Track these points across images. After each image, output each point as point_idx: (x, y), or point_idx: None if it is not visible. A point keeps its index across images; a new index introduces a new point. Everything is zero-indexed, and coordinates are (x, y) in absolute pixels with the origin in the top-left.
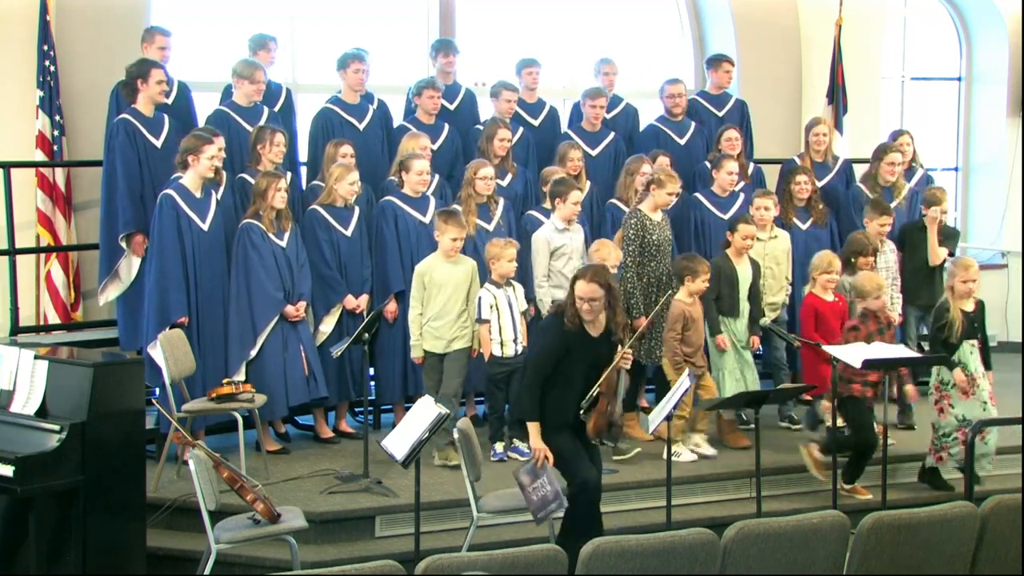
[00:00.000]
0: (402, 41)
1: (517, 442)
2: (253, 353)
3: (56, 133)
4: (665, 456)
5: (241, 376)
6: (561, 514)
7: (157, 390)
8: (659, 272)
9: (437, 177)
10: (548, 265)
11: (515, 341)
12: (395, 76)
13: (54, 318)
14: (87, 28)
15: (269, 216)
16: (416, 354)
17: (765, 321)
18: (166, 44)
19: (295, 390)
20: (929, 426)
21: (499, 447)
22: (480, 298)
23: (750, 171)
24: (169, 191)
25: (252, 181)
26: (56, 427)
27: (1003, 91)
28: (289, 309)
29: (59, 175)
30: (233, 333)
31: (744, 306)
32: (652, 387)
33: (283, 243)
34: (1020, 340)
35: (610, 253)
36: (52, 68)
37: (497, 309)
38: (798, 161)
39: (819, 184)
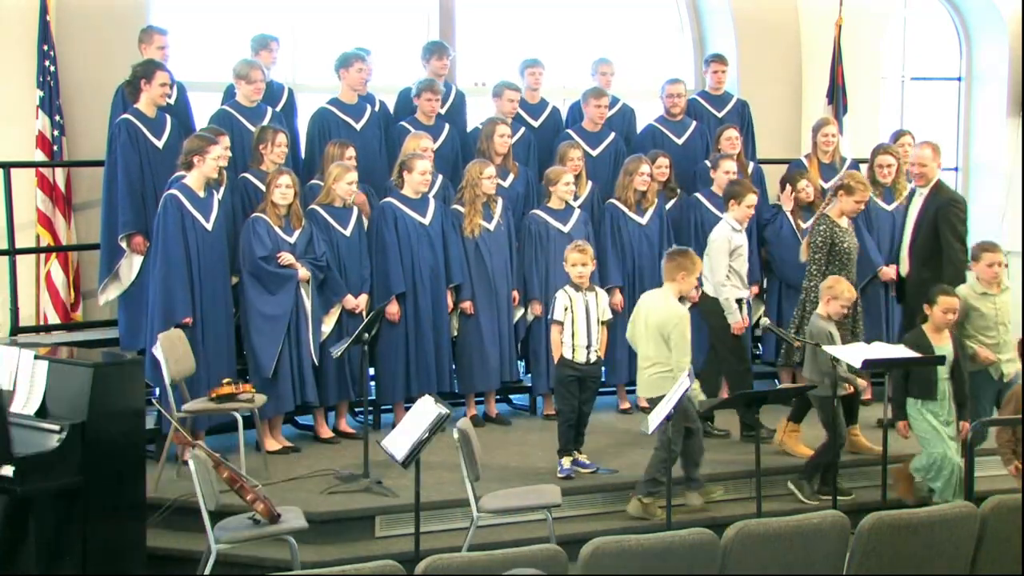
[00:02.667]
0: (402, 41)
1: (577, 454)
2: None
3: (56, 133)
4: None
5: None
6: None
7: (157, 390)
8: (849, 280)
9: (440, 178)
10: (728, 265)
11: (588, 348)
12: (395, 76)
13: (54, 318)
14: (87, 28)
15: (275, 212)
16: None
17: (765, 321)
18: (164, 43)
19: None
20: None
21: (566, 463)
22: (556, 298)
23: (750, 170)
24: (174, 191)
25: (255, 181)
26: (56, 427)
27: (1003, 91)
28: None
29: (59, 175)
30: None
31: (945, 386)
32: None
33: (291, 239)
34: (1020, 339)
35: (843, 291)
36: (52, 68)
37: (572, 312)
38: (804, 161)
39: (825, 185)
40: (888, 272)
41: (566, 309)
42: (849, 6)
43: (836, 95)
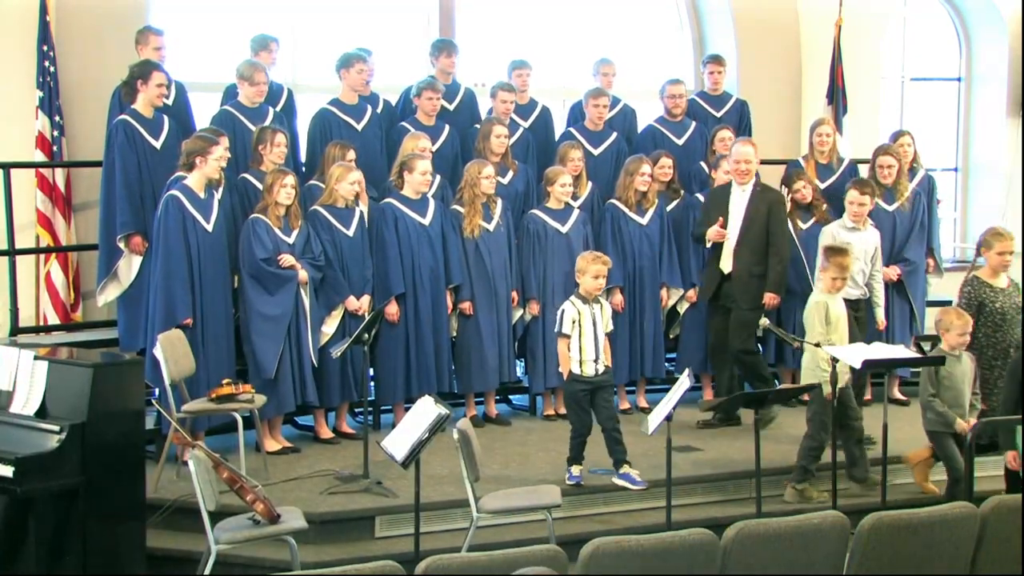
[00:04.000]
0: (402, 41)
1: (628, 467)
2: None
3: (56, 134)
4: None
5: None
6: None
7: (157, 391)
8: (1004, 344)
9: (439, 178)
10: None
11: (596, 360)
12: (395, 76)
13: (54, 319)
14: (87, 29)
15: (275, 212)
16: (829, 390)
17: (764, 322)
18: (161, 44)
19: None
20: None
21: (575, 470)
22: (563, 311)
23: None
24: (175, 192)
25: (254, 181)
26: (56, 427)
27: (1003, 91)
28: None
29: (59, 176)
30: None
31: None
32: (654, 387)
33: (290, 240)
34: (1020, 340)
35: (953, 322)
36: (52, 68)
37: (580, 325)
38: (802, 162)
39: (823, 185)
40: (887, 273)
41: (574, 322)
42: (849, 6)
43: (836, 95)
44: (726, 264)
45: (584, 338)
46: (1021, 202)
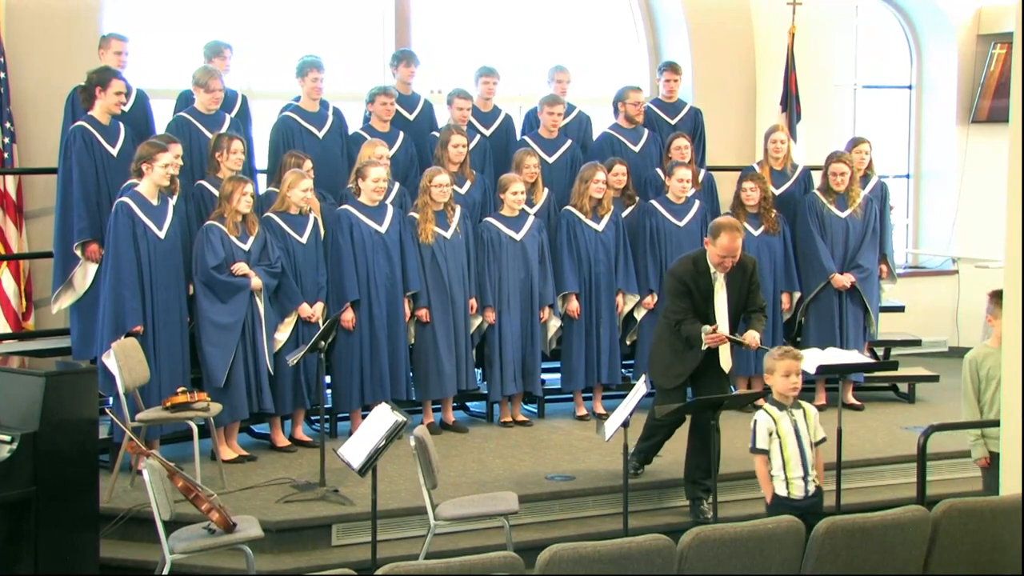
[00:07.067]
0: (358, 49)
1: None
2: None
3: (7, 140)
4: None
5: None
6: None
7: (111, 399)
8: None
9: (397, 185)
10: None
11: (804, 478)
12: (351, 84)
13: (5, 327)
14: (37, 35)
15: (234, 219)
16: (979, 454)
17: (715, 326)
18: (122, 49)
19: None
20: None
21: None
22: (756, 421)
23: (701, 178)
24: (125, 199)
25: (211, 188)
26: (7, 437)
27: (952, 99)
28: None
29: (10, 183)
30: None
31: None
32: (611, 393)
33: (245, 246)
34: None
35: None
36: (2, 75)
37: (779, 436)
38: (757, 168)
39: (777, 191)
40: (841, 280)
41: (771, 434)
42: (802, 15)
43: (790, 103)
44: (725, 363)
45: (787, 450)
46: (1021, 214)
